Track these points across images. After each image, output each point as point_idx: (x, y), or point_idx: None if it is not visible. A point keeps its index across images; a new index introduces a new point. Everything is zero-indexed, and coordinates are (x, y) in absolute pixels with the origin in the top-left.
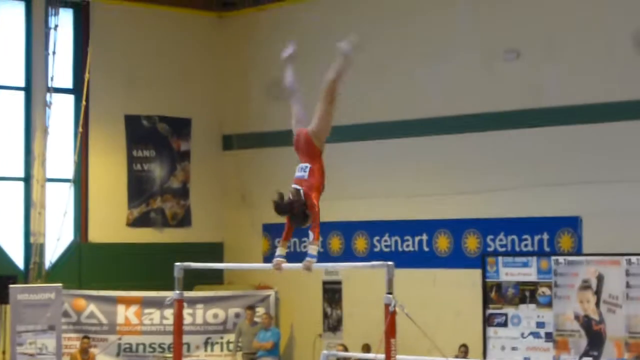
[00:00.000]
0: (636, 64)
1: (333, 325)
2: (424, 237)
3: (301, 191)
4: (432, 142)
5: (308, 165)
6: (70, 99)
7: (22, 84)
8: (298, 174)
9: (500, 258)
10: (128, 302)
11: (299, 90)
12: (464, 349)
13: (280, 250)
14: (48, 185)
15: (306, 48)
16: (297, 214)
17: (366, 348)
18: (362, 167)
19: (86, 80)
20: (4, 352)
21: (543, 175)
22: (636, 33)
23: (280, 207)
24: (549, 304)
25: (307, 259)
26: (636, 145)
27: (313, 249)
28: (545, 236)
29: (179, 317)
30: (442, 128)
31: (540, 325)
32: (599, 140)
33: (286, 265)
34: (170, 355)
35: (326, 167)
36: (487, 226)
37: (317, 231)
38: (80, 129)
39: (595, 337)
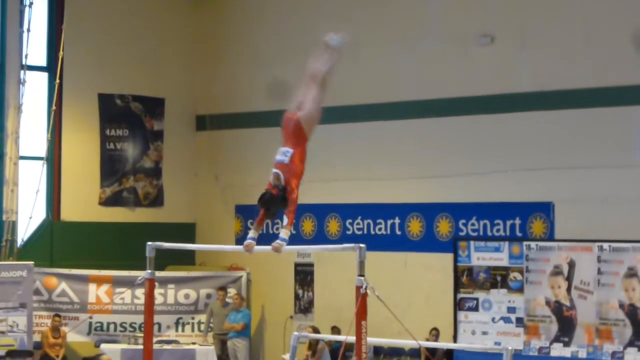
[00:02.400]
0: (609, 51)
1: (304, 307)
2: (397, 220)
3: (281, 176)
4: (406, 126)
5: (290, 150)
6: (44, 76)
7: None
8: (279, 157)
9: (472, 242)
10: (99, 281)
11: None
12: (435, 333)
13: (252, 233)
14: (21, 162)
15: (279, 31)
16: (276, 198)
17: (335, 330)
18: (335, 150)
19: (60, 58)
20: None
21: (516, 160)
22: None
23: (263, 200)
24: (520, 289)
25: (278, 241)
26: (609, 132)
27: (285, 233)
28: (517, 221)
29: (150, 297)
30: (416, 112)
31: (511, 310)
32: (572, 126)
33: (257, 247)
34: (141, 334)
35: None
36: (459, 210)
37: (292, 217)
38: (53, 107)
39: (566, 323)
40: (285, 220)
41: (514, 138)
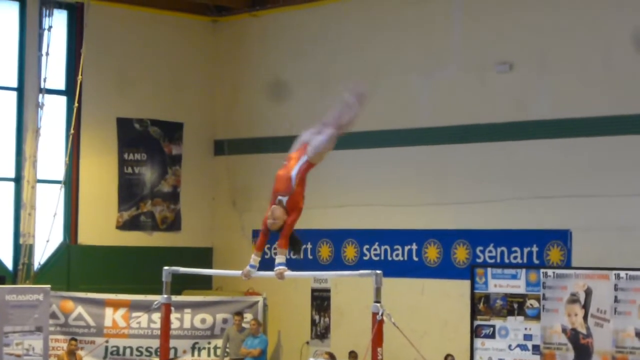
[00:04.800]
0: (626, 78)
1: (321, 332)
2: (414, 246)
3: (284, 201)
4: (424, 152)
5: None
6: (62, 100)
7: (15, 84)
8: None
9: (489, 269)
10: (116, 305)
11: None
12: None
13: (254, 260)
14: (38, 186)
15: (300, 55)
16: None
17: (352, 357)
18: (352, 175)
19: (79, 82)
20: None
21: (533, 187)
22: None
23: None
24: (536, 317)
25: (279, 267)
26: (627, 160)
27: (281, 258)
28: (535, 248)
29: (166, 321)
30: (434, 138)
31: (527, 337)
32: (590, 153)
33: (261, 273)
34: (157, 359)
35: (318, 175)
36: (476, 237)
37: (285, 241)
38: (71, 131)
39: (583, 351)
40: (280, 242)
41: (532, 165)
